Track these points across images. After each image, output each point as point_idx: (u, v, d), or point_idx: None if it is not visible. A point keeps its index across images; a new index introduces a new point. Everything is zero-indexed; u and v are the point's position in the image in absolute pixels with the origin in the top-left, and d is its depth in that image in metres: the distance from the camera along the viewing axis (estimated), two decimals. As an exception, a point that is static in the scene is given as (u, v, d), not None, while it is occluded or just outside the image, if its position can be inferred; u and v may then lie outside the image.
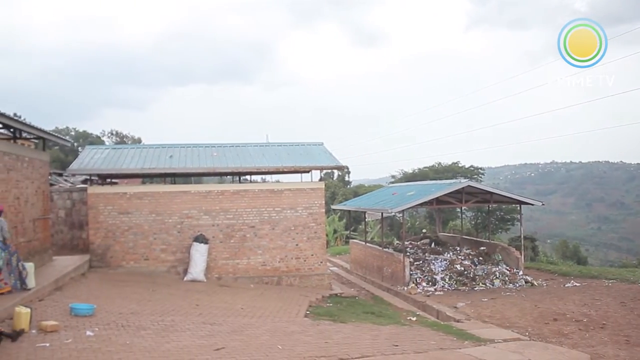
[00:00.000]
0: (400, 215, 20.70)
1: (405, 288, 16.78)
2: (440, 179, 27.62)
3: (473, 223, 31.94)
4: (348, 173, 55.79)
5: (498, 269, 18.04)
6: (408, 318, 12.67)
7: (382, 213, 21.00)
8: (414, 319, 12.51)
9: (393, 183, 36.19)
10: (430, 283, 17.13)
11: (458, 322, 12.15)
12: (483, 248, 20.47)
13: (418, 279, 17.33)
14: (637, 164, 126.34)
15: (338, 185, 50.58)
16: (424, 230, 30.80)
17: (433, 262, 18.73)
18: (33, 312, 7.58)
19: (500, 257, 19.38)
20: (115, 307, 9.69)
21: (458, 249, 21.11)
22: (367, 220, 28.46)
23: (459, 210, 28.15)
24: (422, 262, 18.89)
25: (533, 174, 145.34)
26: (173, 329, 8.30)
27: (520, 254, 18.91)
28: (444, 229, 30.28)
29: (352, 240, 24.78)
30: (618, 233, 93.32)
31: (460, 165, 38.46)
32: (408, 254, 19.15)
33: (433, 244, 22.80)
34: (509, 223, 30.83)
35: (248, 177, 21.68)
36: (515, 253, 18.93)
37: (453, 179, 24.64)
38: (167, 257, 15.12)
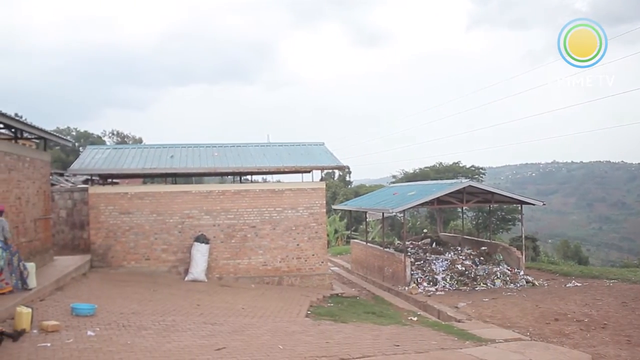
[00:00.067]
0: (401, 215, 20.70)
1: (406, 288, 16.77)
2: (441, 179, 27.58)
3: (474, 223, 31.91)
4: (349, 173, 55.79)
5: (499, 269, 18.03)
6: (409, 318, 12.67)
7: (383, 213, 21.00)
8: (415, 319, 12.50)
9: (394, 183, 36.19)
10: (431, 283, 17.12)
11: (459, 322, 12.14)
12: (484, 248, 20.45)
13: (419, 279, 17.32)
14: (638, 164, 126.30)
15: (339, 185, 50.59)
16: (425, 230, 30.80)
17: (434, 262, 18.72)
18: (34, 312, 7.60)
19: (502, 257, 19.37)
20: (117, 307, 9.70)
21: (459, 249, 21.10)
22: (368, 220, 28.45)
23: (460, 210, 28.14)
24: (423, 262, 18.88)
25: (534, 174, 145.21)
26: (174, 329, 8.30)
27: (522, 254, 18.89)
28: (445, 229, 30.25)
29: (353, 240, 24.79)
30: (619, 233, 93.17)
31: (461, 165, 38.44)
32: (409, 254, 19.15)
33: (434, 244, 22.81)
34: (510, 223, 30.81)
35: (249, 177, 21.68)
36: (517, 253, 18.91)
37: (454, 179, 24.58)
38: (168, 257, 15.13)
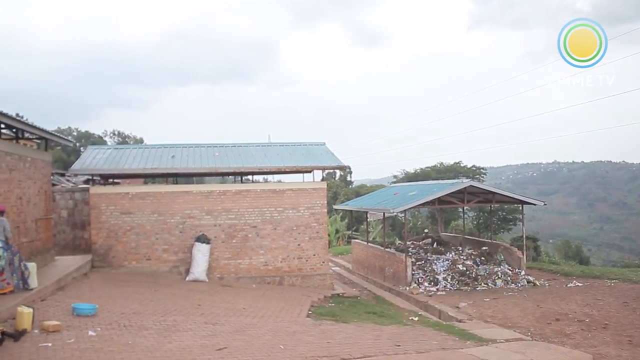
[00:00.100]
0: (402, 215, 20.68)
1: (407, 288, 16.76)
2: (442, 179, 27.57)
3: (475, 223, 31.88)
4: (350, 173, 55.78)
5: (500, 269, 18.02)
6: (410, 318, 12.66)
7: (384, 213, 20.99)
8: (416, 319, 12.49)
9: (395, 183, 36.16)
10: (432, 283, 17.11)
11: (460, 322, 12.13)
12: (485, 248, 20.43)
13: (420, 279, 17.31)
14: (639, 164, 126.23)
15: (340, 185, 50.62)
16: (426, 230, 30.80)
17: (435, 262, 18.71)
18: (35, 312, 7.61)
19: (503, 257, 19.35)
20: (118, 307, 9.70)
21: (460, 249, 21.09)
22: (369, 220, 28.47)
23: (461, 210, 28.13)
24: (424, 262, 18.87)
25: (535, 174, 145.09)
26: (175, 329, 8.30)
27: (523, 254, 18.86)
28: (446, 229, 30.23)
29: (354, 240, 24.80)
30: (620, 233, 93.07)
31: (462, 165, 38.42)
32: (410, 254, 19.13)
33: (435, 244, 22.80)
34: (511, 223, 30.77)
35: (250, 177, 21.69)
36: (518, 253, 18.90)
37: (455, 179, 24.55)
38: (169, 257, 15.14)
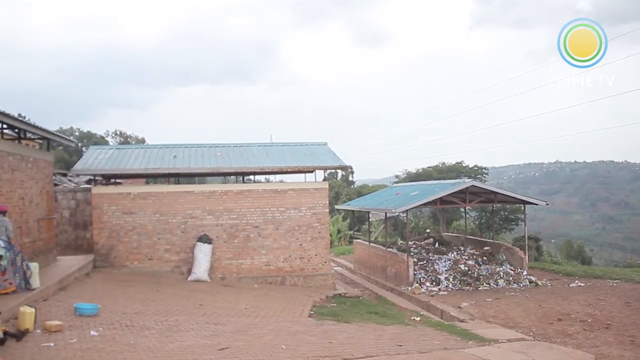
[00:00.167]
0: (404, 215, 20.64)
1: (409, 288, 16.75)
2: (444, 179, 27.55)
3: (477, 223, 31.85)
4: (352, 173, 55.85)
5: (502, 269, 17.99)
6: (412, 318, 12.66)
7: (385, 213, 20.96)
8: (418, 319, 12.49)
9: (397, 183, 36.13)
10: (434, 283, 17.09)
11: (462, 322, 12.12)
12: (487, 248, 20.40)
13: (422, 279, 17.29)
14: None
15: (342, 185, 50.63)
16: (428, 230, 30.79)
17: (437, 262, 18.69)
18: (37, 312, 7.61)
19: (505, 257, 19.32)
20: (119, 307, 9.71)
21: (462, 249, 21.06)
22: (370, 220, 28.40)
23: (463, 210, 28.08)
24: (426, 262, 18.85)
25: (537, 174, 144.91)
26: (177, 329, 8.31)
27: (525, 254, 18.83)
28: (448, 229, 30.22)
29: (355, 240, 24.78)
30: (623, 233, 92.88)
31: (464, 165, 38.43)
32: (412, 254, 19.11)
33: (437, 244, 22.77)
34: (513, 223, 30.74)
35: (252, 177, 21.72)
36: (520, 253, 18.86)
37: (457, 179, 24.52)
38: (171, 257, 15.15)
